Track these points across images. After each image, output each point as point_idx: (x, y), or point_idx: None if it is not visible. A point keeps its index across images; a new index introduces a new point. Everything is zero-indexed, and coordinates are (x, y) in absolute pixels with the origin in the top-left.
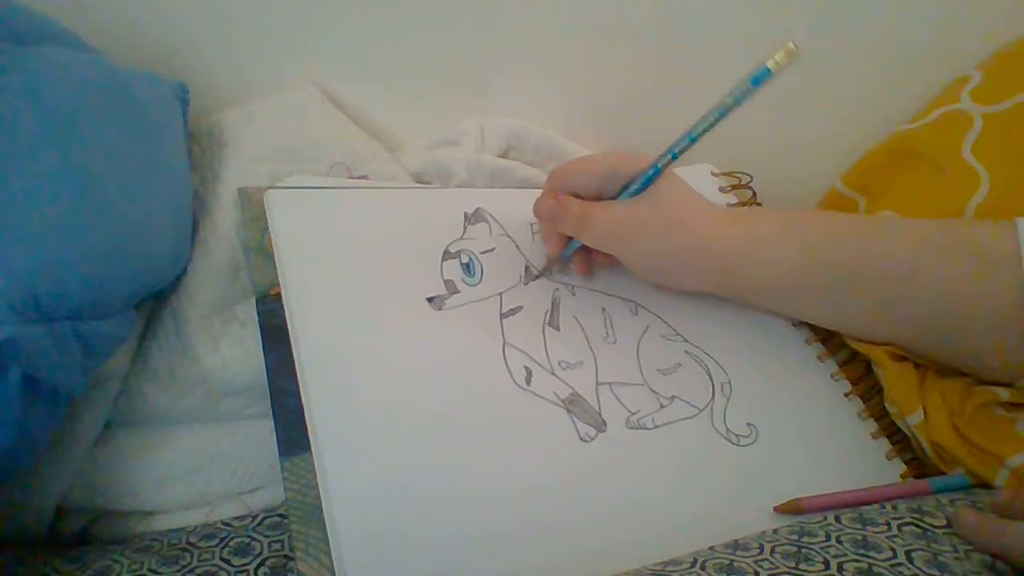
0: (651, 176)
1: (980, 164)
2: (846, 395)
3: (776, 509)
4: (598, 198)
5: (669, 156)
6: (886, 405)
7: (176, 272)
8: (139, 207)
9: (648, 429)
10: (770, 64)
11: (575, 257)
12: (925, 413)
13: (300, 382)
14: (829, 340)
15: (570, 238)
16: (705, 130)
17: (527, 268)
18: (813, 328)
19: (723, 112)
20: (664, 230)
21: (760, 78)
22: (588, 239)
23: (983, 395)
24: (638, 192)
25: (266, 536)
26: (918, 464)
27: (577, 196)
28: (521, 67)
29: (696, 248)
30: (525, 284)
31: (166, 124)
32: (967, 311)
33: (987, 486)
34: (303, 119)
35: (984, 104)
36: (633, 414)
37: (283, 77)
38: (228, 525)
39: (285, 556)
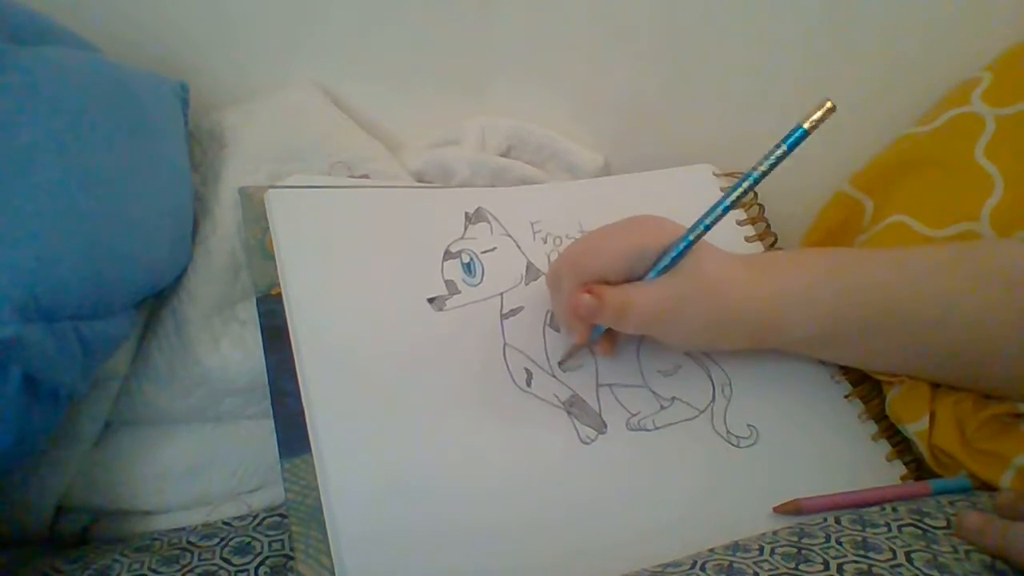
0: (683, 250)
1: (994, 167)
2: (846, 397)
3: (776, 510)
4: (627, 279)
5: (701, 228)
6: (888, 413)
7: (176, 272)
8: (139, 207)
9: (648, 431)
10: (806, 124)
11: (600, 339)
12: (932, 420)
13: (300, 383)
14: None
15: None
16: (738, 198)
17: (528, 267)
18: None
19: (757, 179)
20: (701, 304)
21: (796, 139)
22: (629, 327)
23: (997, 407)
24: (670, 267)
25: (266, 536)
26: (918, 466)
27: (606, 282)
28: (522, 68)
29: (732, 320)
30: (526, 284)
31: (166, 124)
32: (1001, 338)
33: (991, 488)
34: (304, 119)
35: (996, 106)
36: (634, 416)
37: (283, 77)
38: (228, 525)
39: (285, 556)
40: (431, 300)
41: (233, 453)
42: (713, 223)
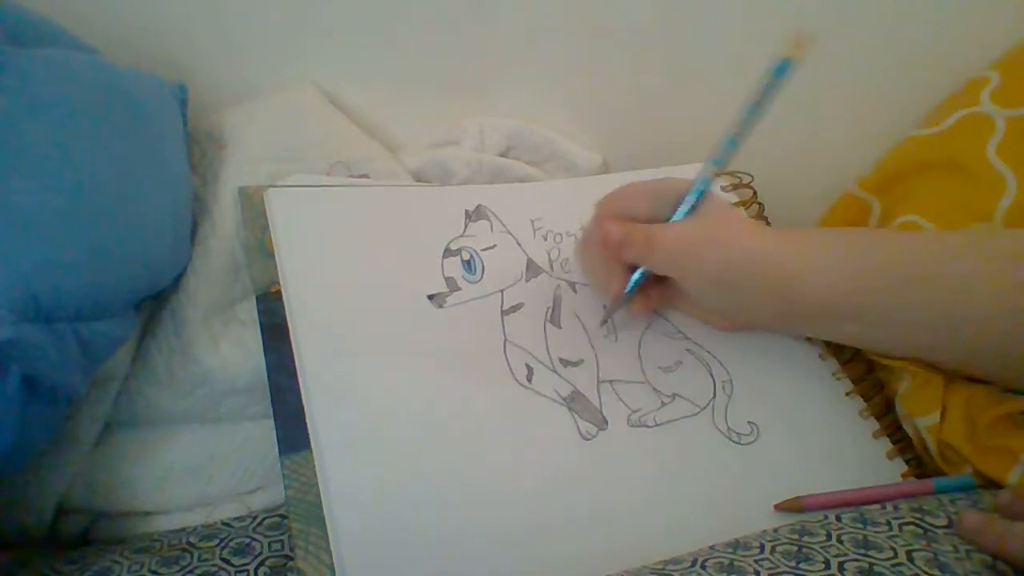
0: (702, 189)
1: (1006, 166)
2: (847, 394)
3: (777, 506)
4: (651, 222)
5: (714, 167)
6: (898, 406)
7: (176, 272)
8: (139, 207)
9: (649, 427)
10: (788, 54)
11: (636, 295)
12: (943, 415)
13: (300, 380)
14: None
15: (630, 274)
16: (742, 130)
17: (528, 264)
18: None
19: (757, 109)
20: (724, 247)
21: (783, 68)
22: (654, 261)
23: (1012, 404)
24: (693, 208)
25: (266, 536)
26: (919, 464)
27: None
28: (521, 67)
29: (752, 261)
30: (526, 281)
31: (166, 124)
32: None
33: (998, 486)
34: (303, 119)
35: (1006, 107)
36: (634, 412)
37: (283, 77)
38: (228, 525)
39: (285, 556)
40: (431, 297)
41: (233, 454)
42: (722, 158)
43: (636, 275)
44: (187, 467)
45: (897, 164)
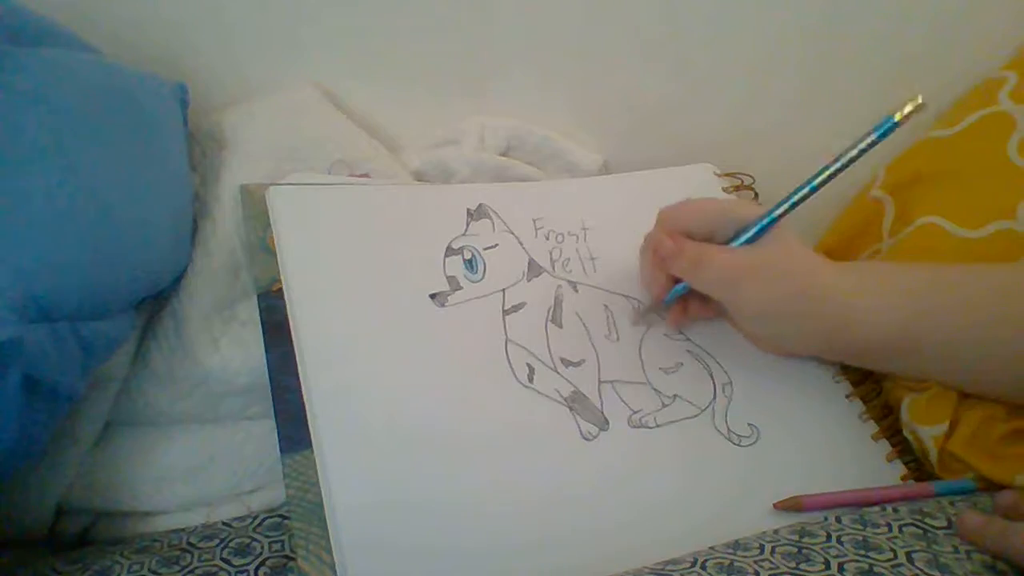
0: (766, 224)
1: None
2: (847, 397)
3: (776, 505)
4: (708, 241)
5: (786, 205)
6: (904, 412)
7: (176, 273)
8: (139, 207)
9: (650, 428)
10: (896, 116)
11: (675, 307)
12: (952, 427)
13: (301, 379)
14: None
15: (675, 284)
16: (825, 180)
17: (530, 264)
18: None
19: (845, 163)
20: (777, 278)
21: (884, 128)
22: (700, 282)
23: None
24: (752, 239)
25: (266, 536)
26: (918, 466)
27: (689, 237)
28: (521, 67)
29: (806, 296)
30: (528, 280)
31: (166, 124)
32: None
33: (999, 488)
34: (303, 118)
35: None
36: (635, 413)
37: (283, 77)
38: (228, 525)
39: (285, 556)
40: (433, 296)
41: (233, 454)
42: (800, 201)
43: (677, 288)
44: (187, 467)
45: (913, 165)
